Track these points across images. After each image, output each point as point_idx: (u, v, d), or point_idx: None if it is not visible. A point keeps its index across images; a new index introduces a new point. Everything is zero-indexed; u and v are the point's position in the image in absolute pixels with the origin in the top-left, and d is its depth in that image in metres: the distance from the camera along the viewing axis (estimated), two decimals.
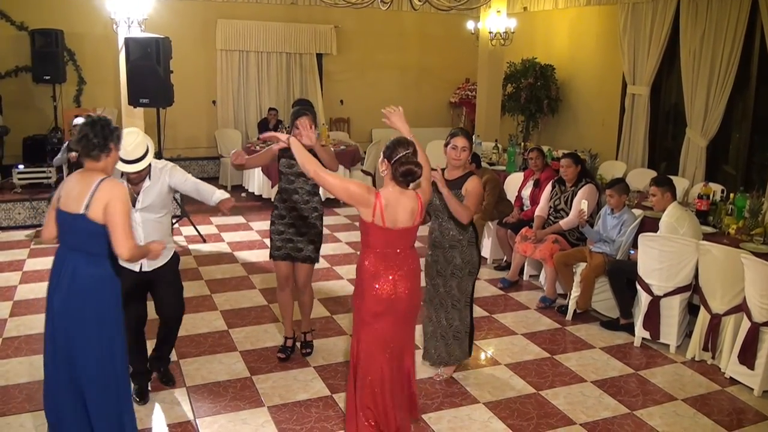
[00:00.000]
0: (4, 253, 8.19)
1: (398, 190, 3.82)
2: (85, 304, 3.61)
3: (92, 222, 3.52)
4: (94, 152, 3.58)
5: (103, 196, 3.51)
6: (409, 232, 3.90)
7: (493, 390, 5.03)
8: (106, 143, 3.60)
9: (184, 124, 12.06)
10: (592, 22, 11.82)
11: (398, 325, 3.97)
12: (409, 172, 3.75)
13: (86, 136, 3.57)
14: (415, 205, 3.86)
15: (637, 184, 8.07)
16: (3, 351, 5.56)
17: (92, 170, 3.62)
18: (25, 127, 10.97)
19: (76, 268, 3.60)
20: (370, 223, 3.80)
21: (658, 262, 5.66)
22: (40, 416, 4.52)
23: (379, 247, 3.87)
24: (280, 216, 5.23)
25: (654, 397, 5.00)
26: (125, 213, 3.55)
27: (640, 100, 10.46)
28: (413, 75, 14.33)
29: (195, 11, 12.20)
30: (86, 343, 3.65)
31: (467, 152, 4.93)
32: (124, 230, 3.54)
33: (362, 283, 3.93)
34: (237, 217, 9.94)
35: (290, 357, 5.43)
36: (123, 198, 3.56)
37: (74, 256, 3.62)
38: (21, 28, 11.12)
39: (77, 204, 3.54)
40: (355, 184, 3.80)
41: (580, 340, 5.98)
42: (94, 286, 3.63)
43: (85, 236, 3.57)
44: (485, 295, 7.02)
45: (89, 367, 3.67)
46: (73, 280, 3.59)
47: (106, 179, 3.57)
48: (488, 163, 9.48)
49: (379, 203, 3.75)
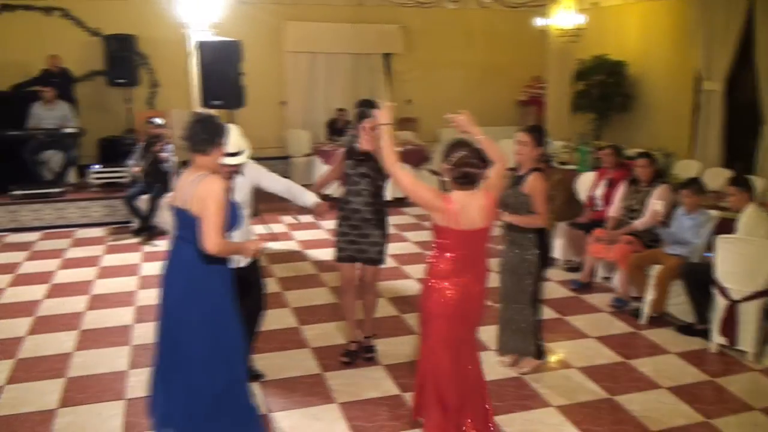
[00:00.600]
0: (82, 249, 8.51)
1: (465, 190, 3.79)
2: (199, 292, 3.80)
3: (195, 216, 3.67)
4: (202, 146, 3.74)
5: (200, 191, 3.66)
6: (483, 232, 3.87)
7: (565, 393, 4.97)
8: (214, 138, 3.77)
9: (254, 124, 12.16)
10: (664, 15, 11.54)
11: (468, 326, 3.97)
12: (465, 175, 3.75)
13: (196, 132, 3.75)
14: (485, 203, 3.82)
15: (713, 184, 7.85)
16: (81, 343, 5.80)
17: (198, 166, 3.78)
18: (100, 128, 11.39)
19: (188, 258, 3.79)
20: (445, 227, 3.77)
21: (736, 265, 5.51)
22: (116, 406, 4.74)
23: (455, 249, 3.84)
24: (344, 218, 5.24)
25: (731, 406, 4.86)
26: (218, 208, 3.65)
27: (715, 96, 10.17)
28: (481, 73, 14.22)
29: (264, 14, 12.37)
30: (197, 330, 3.82)
31: (528, 147, 4.97)
32: (214, 225, 3.64)
33: (434, 284, 3.91)
34: (306, 215, 10.05)
35: (354, 361, 5.41)
36: (219, 193, 3.67)
37: (186, 247, 3.80)
38: (95, 34, 11.54)
39: (183, 199, 3.74)
40: (424, 189, 3.80)
41: (655, 344, 5.86)
42: (206, 275, 3.81)
43: (192, 229, 3.71)
44: (557, 296, 6.94)
45: (197, 356, 3.84)
46: (185, 269, 3.80)
47: (207, 176, 3.71)
48: (559, 162, 9.37)
49: (452, 207, 3.72)
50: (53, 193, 9.51)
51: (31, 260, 8.06)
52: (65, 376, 5.17)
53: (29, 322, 6.22)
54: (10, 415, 4.62)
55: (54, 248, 8.54)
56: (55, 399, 4.82)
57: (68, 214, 9.50)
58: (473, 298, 3.91)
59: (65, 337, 5.88)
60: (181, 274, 3.86)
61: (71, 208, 9.50)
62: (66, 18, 11.41)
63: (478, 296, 3.93)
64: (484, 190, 3.86)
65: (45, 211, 9.42)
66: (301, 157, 12.35)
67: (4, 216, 9.28)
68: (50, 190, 9.54)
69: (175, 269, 3.90)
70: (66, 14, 11.38)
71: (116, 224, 9.60)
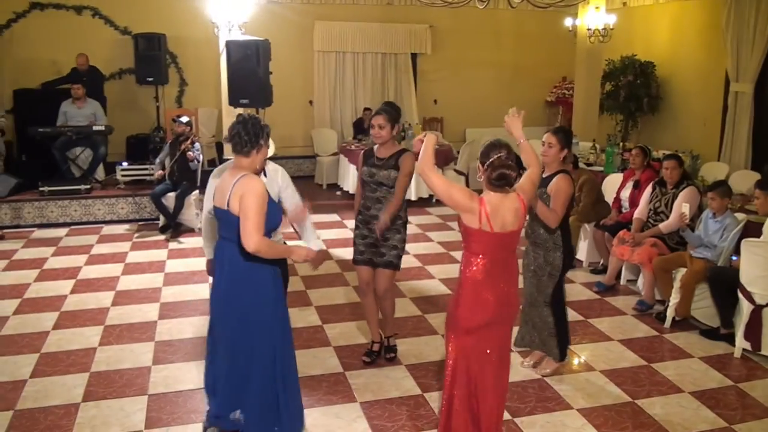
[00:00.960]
0: (108, 246, 8.61)
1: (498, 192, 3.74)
2: (244, 291, 3.86)
3: (235, 215, 3.72)
4: (245, 148, 3.79)
5: (239, 190, 3.70)
6: (515, 235, 3.80)
7: (587, 396, 4.94)
8: (257, 140, 3.81)
9: (281, 123, 12.30)
10: (694, 16, 11.44)
11: (504, 330, 3.91)
12: (501, 176, 3.66)
13: (238, 133, 3.78)
14: (519, 206, 3.74)
15: (740, 187, 7.76)
16: (105, 338, 5.86)
17: (239, 167, 3.83)
18: (129, 126, 11.54)
19: (232, 257, 3.84)
20: (476, 229, 3.68)
21: (762, 269, 5.42)
22: (139, 401, 4.79)
23: (488, 253, 3.75)
24: (364, 221, 5.17)
25: (753, 411, 4.80)
26: (258, 206, 3.67)
27: (744, 98, 10.06)
28: (508, 74, 14.18)
29: (293, 14, 12.44)
30: (246, 329, 3.89)
31: (554, 149, 4.94)
32: (253, 223, 3.66)
33: (469, 291, 3.78)
34: (332, 214, 10.09)
35: (375, 361, 5.41)
36: (258, 192, 3.70)
37: (230, 246, 3.85)
38: (125, 33, 11.69)
39: (223, 200, 3.78)
40: (457, 190, 3.71)
41: (679, 348, 5.80)
42: (251, 274, 3.86)
43: (235, 228, 3.74)
44: (581, 298, 6.90)
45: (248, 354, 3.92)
46: (231, 268, 3.86)
47: (246, 175, 3.75)
48: (586, 163, 9.32)
49: (484, 209, 3.64)
50: (81, 190, 9.62)
51: (58, 256, 8.16)
52: (89, 371, 5.22)
53: (55, 316, 6.30)
54: (34, 408, 4.67)
55: (80, 244, 8.64)
56: (79, 393, 4.88)
57: (95, 210, 9.61)
58: (510, 302, 3.84)
59: (90, 332, 5.95)
60: (224, 273, 3.92)
61: (98, 205, 9.61)
62: (96, 17, 11.56)
63: (514, 300, 3.87)
64: (517, 194, 3.78)
65: (72, 207, 9.53)
66: (327, 156, 12.39)
67: (32, 212, 9.42)
68: (78, 186, 9.64)
69: (219, 269, 3.97)
70: (96, 13, 11.54)
71: (143, 221, 9.71)
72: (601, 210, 7.63)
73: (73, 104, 9.91)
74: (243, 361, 3.94)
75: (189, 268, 7.60)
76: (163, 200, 8.97)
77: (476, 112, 13.75)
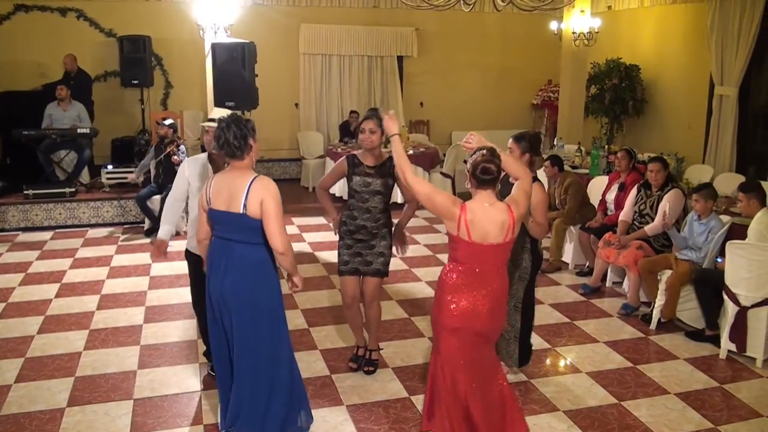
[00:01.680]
0: (93, 249, 8.56)
1: (486, 201, 3.67)
2: (255, 285, 3.92)
3: (252, 219, 3.79)
4: (238, 153, 3.83)
5: (257, 194, 3.76)
6: (499, 248, 3.71)
7: (573, 398, 4.96)
8: (246, 141, 3.85)
9: (267, 126, 12.25)
10: (678, 20, 11.50)
11: (475, 344, 3.82)
12: (484, 170, 3.64)
13: (227, 141, 3.81)
14: (506, 218, 3.66)
15: (725, 190, 7.81)
16: (90, 342, 5.82)
17: (239, 168, 3.87)
18: (114, 129, 11.49)
19: (243, 254, 3.89)
20: (455, 236, 3.69)
21: (747, 271, 5.47)
22: (124, 405, 4.77)
23: (464, 261, 3.74)
24: (349, 231, 5.07)
25: (739, 412, 4.83)
26: (280, 207, 3.81)
27: (728, 102, 10.12)
28: (494, 76, 14.21)
29: (279, 16, 12.43)
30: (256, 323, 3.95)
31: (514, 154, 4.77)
32: (278, 224, 3.80)
33: (442, 295, 3.81)
34: (318, 218, 10.08)
35: (362, 367, 5.34)
36: (275, 194, 3.81)
37: (238, 246, 3.90)
38: (110, 35, 11.66)
39: (234, 203, 3.80)
40: (440, 195, 3.72)
41: (664, 350, 5.83)
42: (263, 268, 3.95)
43: (248, 230, 3.84)
44: (567, 300, 6.93)
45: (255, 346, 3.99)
46: (242, 264, 3.90)
47: (257, 179, 3.81)
48: (571, 166, 9.35)
49: (464, 215, 3.62)
50: (66, 193, 9.56)
51: (43, 259, 8.10)
52: (74, 375, 5.19)
53: (39, 321, 6.26)
54: (19, 413, 4.64)
55: (65, 248, 8.59)
56: (64, 398, 4.85)
57: (80, 213, 9.56)
58: (480, 316, 3.74)
59: (75, 336, 5.91)
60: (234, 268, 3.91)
61: (83, 208, 9.56)
62: (81, 19, 11.51)
63: (486, 315, 3.75)
64: (508, 206, 3.71)
65: (57, 210, 9.47)
66: (313, 159, 12.37)
67: (16, 215, 9.35)
68: (63, 189, 9.58)
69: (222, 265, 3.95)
70: (81, 15, 11.49)
71: (128, 224, 9.66)
72: (586, 212, 7.66)
73: (58, 106, 9.85)
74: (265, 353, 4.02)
75: (174, 271, 7.56)
76: (148, 203, 8.93)
77: (462, 115, 13.78)
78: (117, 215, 9.71)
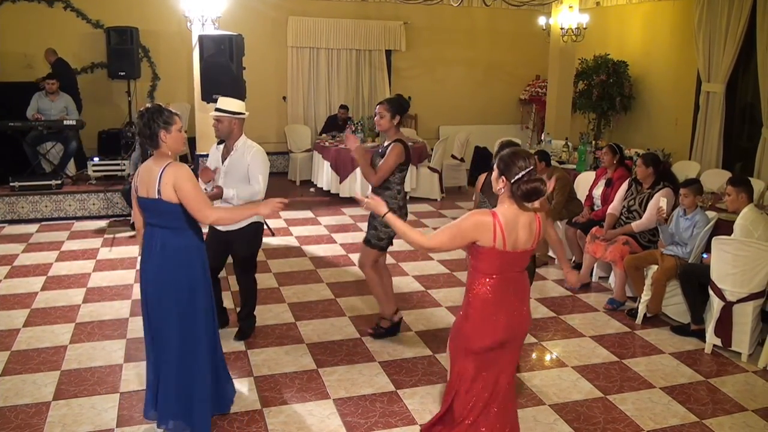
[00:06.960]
0: (79, 242, 8.51)
1: (516, 207, 3.40)
2: (176, 272, 3.97)
3: (167, 203, 3.85)
4: (147, 141, 3.94)
5: (168, 179, 3.83)
6: (528, 254, 3.52)
7: (559, 392, 4.98)
8: (153, 130, 3.90)
9: (254, 119, 12.12)
10: (666, 16, 11.56)
11: (516, 349, 3.68)
12: (534, 190, 3.31)
13: (140, 130, 3.94)
14: (534, 222, 3.45)
15: (711, 186, 7.85)
16: (76, 336, 5.79)
17: (158, 155, 3.96)
18: (101, 121, 11.44)
19: (165, 241, 3.97)
20: (490, 248, 3.36)
21: (732, 267, 5.51)
22: (111, 398, 4.75)
23: (498, 272, 3.45)
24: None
25: (724, 406, 4.87)
26: (193, 185, 3.87)
27: (715, 98, 10.19)
28: (482, 71, 14.22)
29: (267, 9, 12.37)
30: (174, 310, 4.00)
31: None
32: (198, 201, 3.87)
33: (480, 313, 3.48)
34: (305, 211, 10.07)
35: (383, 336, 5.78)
36: (187, 175, 3.86)
37: (161, 232, 3.98)
38: (97, 26, 11.58)
39: (151, 189, 3.88)
40: (464, 220, 3.38)
41: (650, 344, 5.87)
42: (183, 256, 4.00)
43: (166, 215, 3.92)
44: (553, 295, 6.96)
45: (173, 334, 4.03)
46: (163, 251, 3.96)
47: (169, 165, 3.88)
48: (558, 161, 9.37)
49: (499, 224, 3.33)
50: (52, 185, 9.50)
51: (28, 252, 8.05)
52: (60, 369, 5.16)
53: (25, 314, 6.22)
54: (4, 406, 4.61)
55: (51, 240, 8.53)
56: (50, 391, 4.82)
57: (66, 206, 9.50)
58: (523, 319, 3.57)
59: (61, 330, 5.88)
60: (154, 260, 4.00)
61: (69, 201, 9.50)
62: (68, 10, 11.42)
63: (527, 317, 3.61)
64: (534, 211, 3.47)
65: (43, 203, 9.41)
66: (301, 152, 12.35)
67: (2, 207, 9.27)
68: (49, 182, 9.52)
69: (148, 254, 4.04)
70: (68, 6, 11.40)
71: (114, 217, 9.61)
72: (573, 207, 7.69)
73: (46, 97, 9.79)
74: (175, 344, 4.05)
75: None
76: None
77: (450, 110, 13.79)
78: (103, 208, 9.65)
